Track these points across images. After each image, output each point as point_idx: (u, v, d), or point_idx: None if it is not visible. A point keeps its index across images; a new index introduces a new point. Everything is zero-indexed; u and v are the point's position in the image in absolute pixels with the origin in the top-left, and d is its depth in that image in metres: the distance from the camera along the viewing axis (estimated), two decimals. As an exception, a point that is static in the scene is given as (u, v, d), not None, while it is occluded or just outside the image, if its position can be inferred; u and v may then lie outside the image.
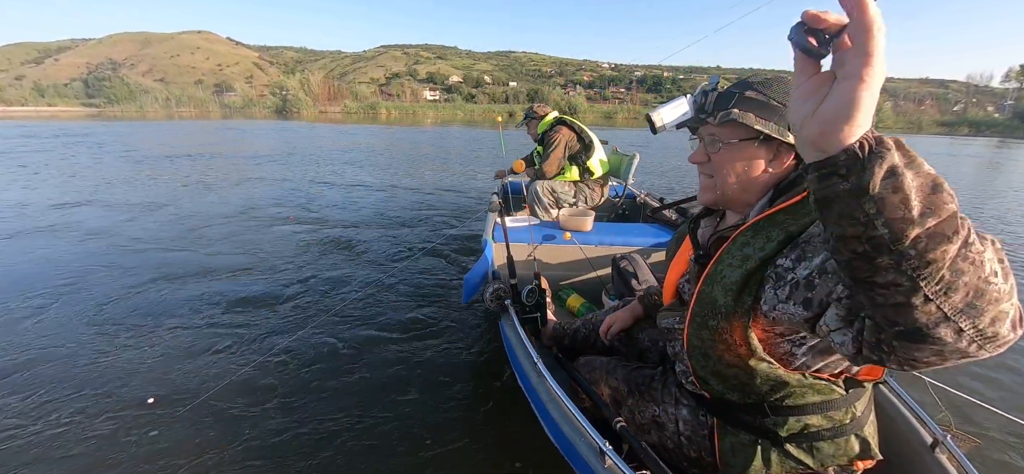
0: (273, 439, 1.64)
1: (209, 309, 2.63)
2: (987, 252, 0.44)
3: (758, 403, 0.87)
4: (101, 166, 8.46)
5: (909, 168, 0.43)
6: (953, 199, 0.43)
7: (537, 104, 3.35)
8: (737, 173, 0.88)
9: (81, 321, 2.47)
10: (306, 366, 2.09)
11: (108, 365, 2.07)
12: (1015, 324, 0.46)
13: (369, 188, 6.81)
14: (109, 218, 4.69)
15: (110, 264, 3.33)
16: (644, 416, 1.07)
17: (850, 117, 0.43)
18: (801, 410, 0.84)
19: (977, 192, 8.02)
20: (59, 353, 2.16)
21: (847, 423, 0.85)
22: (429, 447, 1.63)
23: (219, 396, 1.85)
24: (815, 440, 0.85)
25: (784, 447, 0.86)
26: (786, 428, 0.85)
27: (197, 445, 1.60)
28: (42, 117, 39.36)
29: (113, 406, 1.79)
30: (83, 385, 1.92)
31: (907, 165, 0.43)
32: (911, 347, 0.49)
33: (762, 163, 0.87)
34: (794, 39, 0.49)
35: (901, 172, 0.42)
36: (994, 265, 0.44)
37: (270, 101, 64.78)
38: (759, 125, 0.83)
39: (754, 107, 0.84)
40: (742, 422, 0.90)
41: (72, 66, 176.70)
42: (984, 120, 58.30)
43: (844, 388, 0.84)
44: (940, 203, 0.42)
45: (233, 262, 3.42)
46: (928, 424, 1.02)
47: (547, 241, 2.29)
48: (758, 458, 0.88)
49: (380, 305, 2.73)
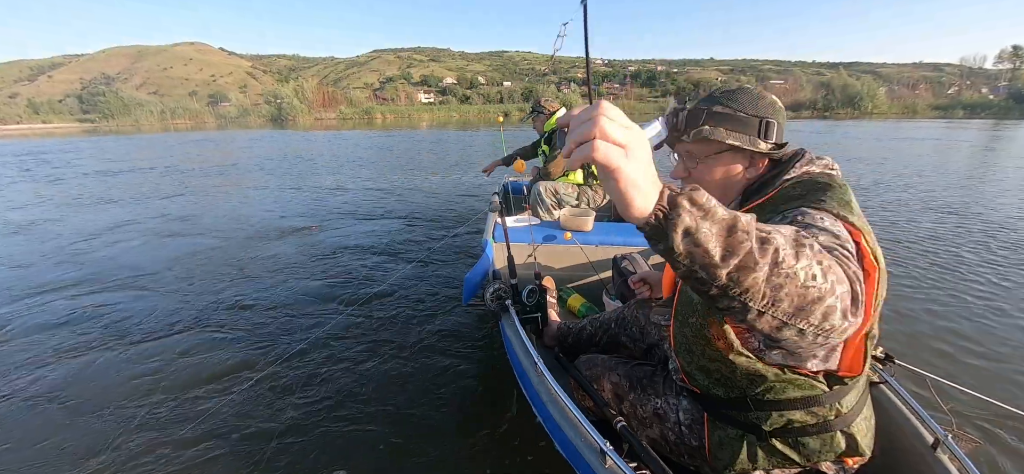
0: (272, 439, 1.65)
1: (221, 313, 2.63)
2: (801, 262, 0.49)
3: (741, 397, 0.89)
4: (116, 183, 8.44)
5: (705, 221, 0.48)
6: (748, 236, 0.48)
7: (545, 99, 3.24)
8: (717, 182, 0.93)
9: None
10: (304, 366, 2.10)
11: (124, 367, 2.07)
12: (846, 313, 0.51)
13: (368, 190, 6.82)
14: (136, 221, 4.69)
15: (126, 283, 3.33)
16: (646, 409, 1.08)
17: (628, 203, 0.47)
18: (782, 405, 0.86)
19: (973, 180, 8.02)
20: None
21: (832, 419, 0.85)
22: (429, 447, 1.64)
23: (226, 401, 1.86)
24: (800, 435, 0.86)
25: (770, 442, 0.88)
26: (769, 423, 0.87)
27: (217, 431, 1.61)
28: (37, 135, 39.25)
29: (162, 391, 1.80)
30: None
31: (702, 218, 0.48)
32: (777, 344, 0.56)
33: (739, 169, 0.92)
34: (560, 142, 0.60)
35: (696, 229, 0.47)
36: (811, 270, 0.49)
37: (265, 110, 64.76)
38: (730, 139, 0.87)
39: (723, 121, 0.89)
40: (728, 417, 0.93)
41: (66, 82, 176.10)
42: (979, 102, 58.41)
43: (826, 384, 0.84)
44: (736, 244, 0.48)
45: (242, 267, 3.42)
46: (929, 423, 1.02)
47: (548, 241, 2.29)
48: (744, 452, 0.90)
49: (380, 305, 2.73)
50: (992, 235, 4.27)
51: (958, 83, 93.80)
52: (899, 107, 59.94)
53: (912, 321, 2.61)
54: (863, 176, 7.94)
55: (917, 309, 2.76)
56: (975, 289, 3.03)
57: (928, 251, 3.87)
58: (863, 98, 60.64)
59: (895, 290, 3.03)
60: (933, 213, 5.23)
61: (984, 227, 4.57)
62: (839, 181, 0.82)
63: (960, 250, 3.86)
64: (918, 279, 3.23)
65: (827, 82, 70.24)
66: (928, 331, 2.50)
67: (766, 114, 0.89)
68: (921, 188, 6.78)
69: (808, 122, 37.11)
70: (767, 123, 0.88)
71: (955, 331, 2.49)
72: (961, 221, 4.83)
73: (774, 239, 0.49)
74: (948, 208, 5.46)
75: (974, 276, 3.27)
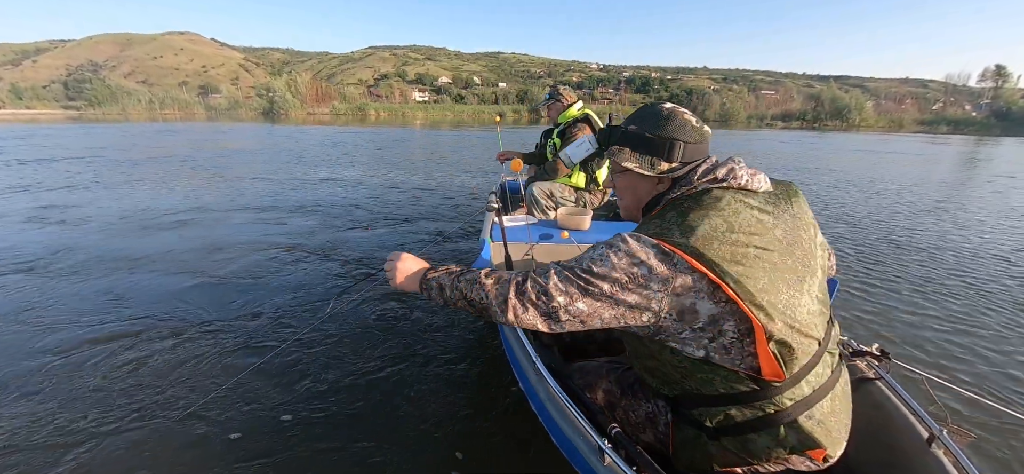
0: (267, 439, 1.63)
1: (213, 314, 2.59)
2: (484, 288, 0.96)
3: (682, 394, 0.94)
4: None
5: (436, 292, 1.04)
6: (442, 289, 1.03)
7: (564, 88, 3.14)
8: (627, 195, 1.07)
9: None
10: (302, 367, 2.07)
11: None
12: (512, 310, 0.92)
13: (362, 187, 6.77)
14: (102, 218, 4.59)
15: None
16: (638, 414, 1.08)
17: (406, 291, 1.11)
18: (716, 400, 0.88)
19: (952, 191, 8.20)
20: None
21: (772, 414, 0.85)
22: (427, 446, 1.63)
23: (203, 408, 1.83)
24: (746, 432, 0.87)
25: (719, 440, 0.89)
26: (711, 419, 0.89)
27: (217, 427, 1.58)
28: (20, 120, 38.30)
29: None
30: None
31: (437, 288, 1.04)
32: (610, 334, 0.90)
33: (647, 186, 1.01)
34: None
35: (438, 290, 1.04)
36: (484, 292, 0.96)
37: (257, 103, 63.93)
38: (628, 162, 0.98)
39: (631, 141, 0.99)
40: (684, 416, 0.95)
41: (51, 68, 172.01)
42: (962, 119, 59.89)
43: (755, 383, 0.85)
44: (459, 293, 1.00)
45: (249, 269, 3.37)
46: (924, 419, 1.02)
47: (545, 240, 2.29)
48: (700, 451, 0.93)
49: (376, 304, 2.71)
50: (986, 236, 4.38)
51: (943, 99, 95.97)
52: (886, 121, 61.25)
53: (907, 318, 2.68)
54: (859, 179, 8.08)
55: (912, 307, 2.82)
56: (971, 288, 3.11)
57: (922, 250, 3.96)
58: (851, 111, 61.81)
59: (890, 288, 3.11)
60: (929, 215, 5.36)
61: (977, 230, 4.68)
62: (713, 196, 0.89)
63: (955, 249, 3.96)
64: (913, 278, 3.31)
65: (817, 94, 71.42)
66: (923, 328, 2.56)
67: (672, 135, 0.94)
68: (916, 193, 6.94)
69: (797, 132, 37.71)
70: (672, 144, 0.94)
71: (950, 328, 2.56)
72: (956, 223, 4.94)
73: (473, 287, 0.98)
74: (943, 211, 5.60)
75: (969, 275, 3.36)
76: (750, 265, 0.82)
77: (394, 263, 1.13)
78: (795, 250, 0.88)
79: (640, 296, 0.84)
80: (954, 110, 72.75)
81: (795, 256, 0.88)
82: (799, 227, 0.92)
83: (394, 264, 1.12)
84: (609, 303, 0.86)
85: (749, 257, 0.82)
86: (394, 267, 1.12)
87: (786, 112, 68.94)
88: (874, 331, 2.53)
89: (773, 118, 66.47)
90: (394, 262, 1.13)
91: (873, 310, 2.83)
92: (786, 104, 75.19)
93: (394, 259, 1.13)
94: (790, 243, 0.88)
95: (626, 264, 0.84)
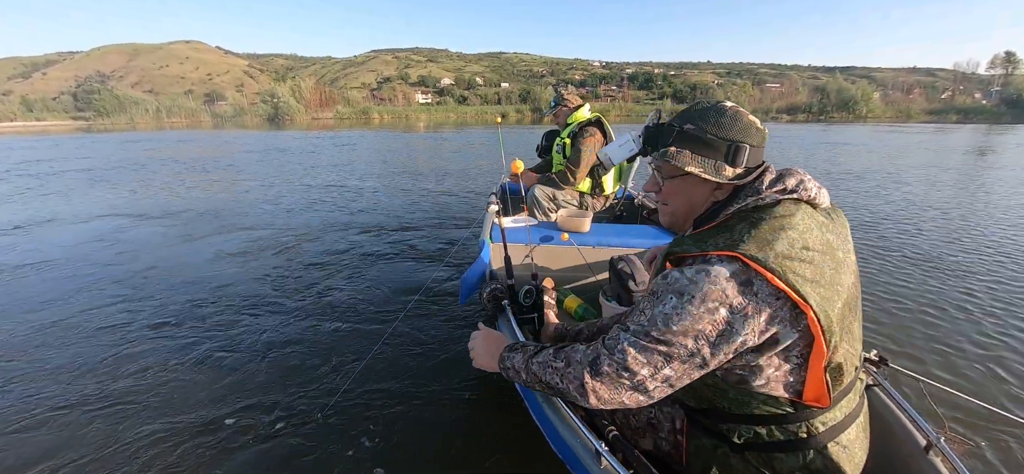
0: (263, 440, 1.65)
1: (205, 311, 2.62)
2: (558, 372, 0.93)
3: (710, 409, 0.89)
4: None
5: (516, 368, 1.04)
6: (527, 374, 1.02)
7: (567, 90, 3.12)
8: (682, 202, 0.93)
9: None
10: (300, 366, 2.10)
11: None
12: (594, 394, 0.86)
13: (363, 189, 6.81)
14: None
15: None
16: (639, 419, 1.07)
17: (486, 368, 1.15)
18: (747, 419, 0.84)
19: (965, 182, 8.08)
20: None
21: (804, 437, 0.82)
22: (426, 447, 1.65)
23: (207, 403, 1.85)
24: (774, 451, 0.84)
25: (743, 454, 0.86)
26: (738, 435, 0.86)
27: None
28: (32, 132, 38.92)
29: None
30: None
31: (513, 371, 1.05)
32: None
33: (705, 193, 0.90)
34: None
35: (515, 373, 1.05)
36: (558, 377, 0.93)
37: (262, 109, 64.35)
38: (691, 165, 0.86)
39: (690, 143, 0.86)
40: (702, 426, 0.92)
41: (60, 80, 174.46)
42: (972, 107, 58.87)
43: (791, 406, 0.82)
44: (535, 378, 0.99)
45: (254, 270, 3.41)
46: (922, 426, 1.01)
47: (545, 242, 2.29)
48: (719, 462, 0.89)
49: (375, 305, 2.73)
50: (986, 239, 4.32)
51: (951, 88, 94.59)
52: (893, 111, 60.32)
53: (906, 325, 2.64)
54: (859, 179, 8.00)
55: (911, 313, 2.79)
56: (969, 293, 3.06)
57: (921, 254, 3.91)
58: (858, 102, 61.04)
59: (889, 293, 3.06)
60: (928, 216, 5.28)
61: (980, 230, 4.62)
62: (785, 209, 0.81)
63: (954, 254, 3.91)
64: (912, 283, 3.26)
65: (823, 86, 70.61)
66: (922, 334, 2.53)
67: (737, 138, 0.85)
68: (917, 191, 6.84)
69: (804, 126, 37.30)
70: (736, 148, 0.84)
71: (949, 335, 2.52)
72: (957, 224, 4.87)
73: (546, 371, 0.96)
74: (944, 212, 5.52)
75: (969, 280, 3.30)
76: (827, 287, 0.76)
77: (475, 343, 1.21)
78: (850, 271, 0.84)
79: (727, 345, 0.77)
80: (963, 98, 71.54)
81: (852, 278, 0.83)
82: (848, 247, 0.87)
83: (474, 345, 1.21)
84: (697, 361, 0.79)
85: (825, 279, 0.76)
86: (474, 347, 1.21)
87: (792, 105, 68.09)
88: (872, 336, 2.50)
89: (779, 111, 65.74)
90: (475, 342, 1.21)
91: (872, 312, 2.79)
92: (792, 97, 74.23)
93: (474, 338, 1.21)
94: (848, 264, 0.83)
95: (705, 311, 0.76)
